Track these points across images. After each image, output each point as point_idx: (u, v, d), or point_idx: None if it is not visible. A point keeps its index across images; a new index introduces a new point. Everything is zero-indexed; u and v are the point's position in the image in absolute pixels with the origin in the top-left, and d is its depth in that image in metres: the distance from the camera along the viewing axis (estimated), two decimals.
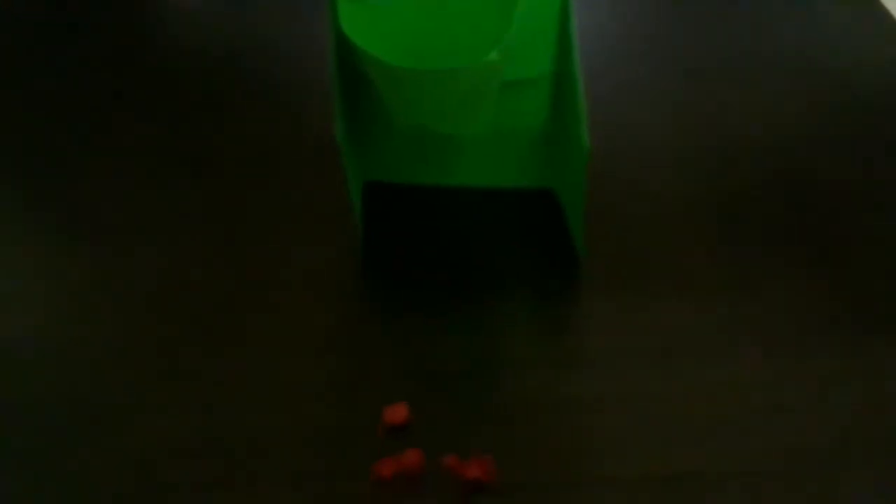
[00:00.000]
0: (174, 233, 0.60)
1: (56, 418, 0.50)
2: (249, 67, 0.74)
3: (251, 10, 0.79)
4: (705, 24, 0.74)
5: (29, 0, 0.82)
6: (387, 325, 0.54)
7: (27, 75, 0.74)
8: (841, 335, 0.52)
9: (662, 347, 0.52)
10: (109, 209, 0.62)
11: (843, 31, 0.72)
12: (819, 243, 0.57)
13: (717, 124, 0.65)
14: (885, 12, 0.73)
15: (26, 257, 0.59)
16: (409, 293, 0.56)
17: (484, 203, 0.61)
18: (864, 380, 0.50)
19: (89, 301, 0.56)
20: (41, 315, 0.55)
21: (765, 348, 0.51)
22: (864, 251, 0.56)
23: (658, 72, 0.70)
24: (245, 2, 0.80)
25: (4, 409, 0.50)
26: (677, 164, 0.63)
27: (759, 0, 0.76)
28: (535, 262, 0.57)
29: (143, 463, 0.48)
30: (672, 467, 0.46)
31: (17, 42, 0.77)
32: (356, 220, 0.57)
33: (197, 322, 0.55)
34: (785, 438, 0.47)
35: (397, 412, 0.49)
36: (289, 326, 0.54)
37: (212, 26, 0.78)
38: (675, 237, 0.58)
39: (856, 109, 0.66)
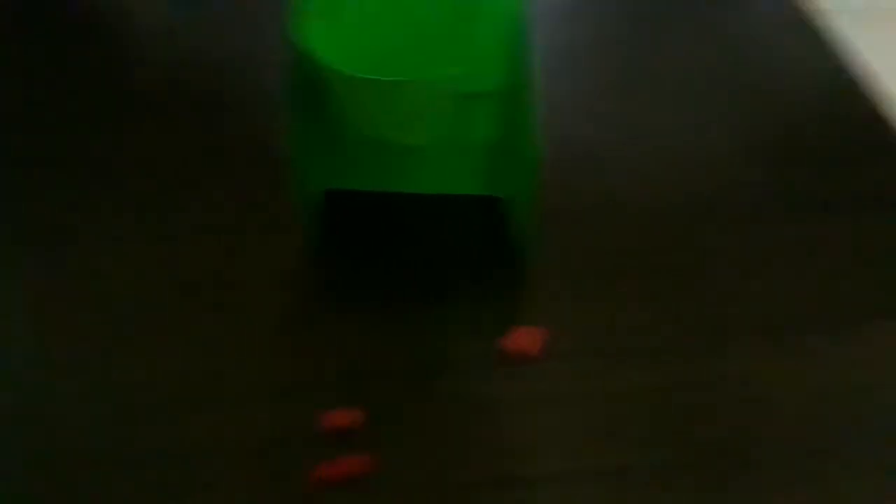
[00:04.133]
0: (114, 232, 0.60)
1: None
2: (206, 75, 0.74)
3: (207, 21, 0.79)
4: (658, 37, 0.76)
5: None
6: (332, 325, 0.55)
7: None
8: (774, 335, 0.54)
9: (597, 346, 0.53)
10: (53, 209, 0.62)
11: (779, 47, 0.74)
12: (766, 251, 0.59)
13: (663, 137, 0.67)
14: (821, 29, 0.75)
15: None
16: (356, 294, 0.56)
17: (435, 208, 0.62)
18: (789, 378, 0.52)
19: (31, 303, 0.56)
20: None
21: (700, 348, 0.53)
22: (800, 258, 0.58)
23: (604, 85, 0.72)
24: (201, 13, 0.80)
25: None
26: (624, 175, 0.64)
27: (712, 15, 0.78)
28: (483, 266, 0.58)
29: (83, 473, 0.48)
30: (611, 461, 0.48)
31: None
32: (306, 224, 0.58)
33: (139, 323, 0.55)
34: (718, 433, 0.49)
35: (342, 415, 0.49)
36: (233, 327, 0.54)
37: (172, 35, 0.78)
38: (625, 241, 0.59)
39: (782, 117, 0.68)
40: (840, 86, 0.70)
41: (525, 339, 0.52)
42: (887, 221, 0.60)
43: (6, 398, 0.51)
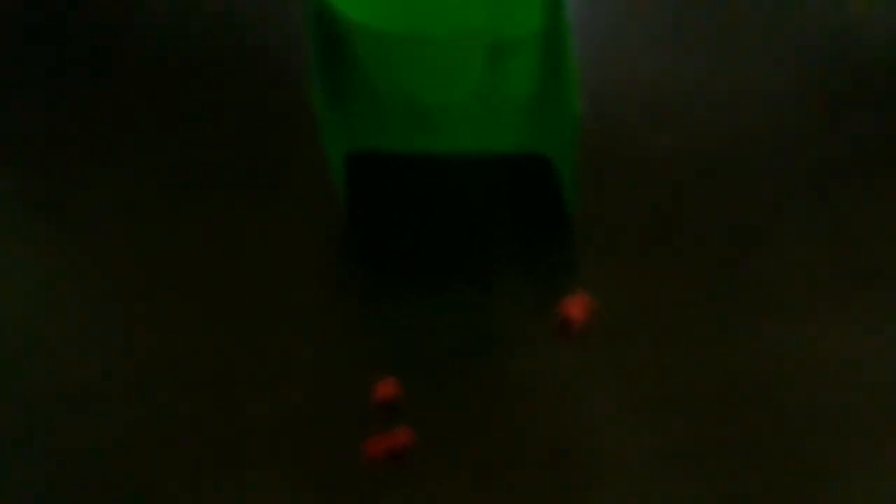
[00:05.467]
0: (145, 210, 0.59)
1: (37, 398, 0.49)
2: (227, 37, 0.71)
3: None
4: None
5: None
6: (373, 299, 0.53)
7: None
8: (837, 301, 0.50)
9: (649, 316, 0.50)
10: (77, 193, 0.60)
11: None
12: (825, 208, 0.55)
13: (716, 83, 0.63)
14: None
15: None
16: (395, 266, 0.54)
17: (473, 172, 0.59)
18: (851, 343, 0.48)
19: (63, 284, 0.55)
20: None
21: (755, 317, 0.50)
22: (872, 215, 0.54)
23: (658, 29, 0.68)
24: None
25: None
26: (673, 123, 0.61)
27: None
28: (527, 231, 0.55)
29: (127, 447, 0.47)
30: (666, 438, 0.45)
31: None
32: (339, 191, 0.56)
33: (174, 302, 0.53)
34: (777, 409, 0.46)
35: (387, 389, 0.48)
36: (271, 304, 0.53)
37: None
38: (669, 198, 0.56)
39: (850, 69, 0.63)
40: None
41: (573, 309, 0.50)
42: None
43: (39, 374, 0.50)
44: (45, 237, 0.58)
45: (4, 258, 0.56)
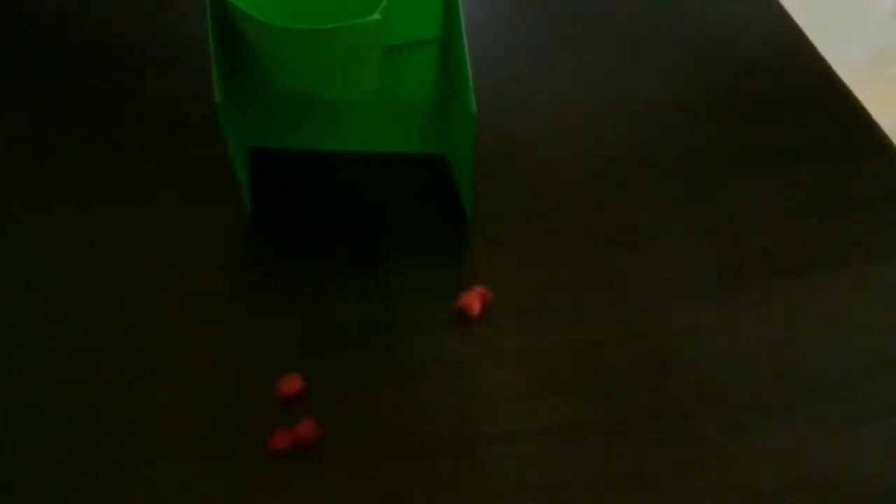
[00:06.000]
0: (57, 198, 0.58)
1: None
2: (133, 32, 0.70)
3: None
4: None
5: None
6: (276, 291, 0.53)
7: None
8: (714, 290, 0.54)
9: (541, 305, 0.53)
10: None
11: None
12: (706, 204, 0.59)
13: (604, 88, 0.66)
14: None
15: None
16: (298, 259, 0.55)
17: (376, 169, 0.61)
18: (725, 333, 0.52)
19: None
20: None
21: (641, 304, 0.53)
22: (738, 211, 0.59)
23: (547, 36, 0.71)
24: None
25: None
26: (565, 126, 0.64)
27: None
28: (426, 225, 0.57)
29: (37, 441, 0.46)
30: (556, 420, 0.48)
31: None
32: (240, 185, 0.56)
33: (80, 292, 0.52)
34: (660, 389, 0.49)
35: (291, 383, 0.48)
36: (175, 295, 0.52)
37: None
38: (561, 198, 0.59)
39: (732, 75, 0.68)
40: (778, 40, 0.71)
41: (470, 299, 0.52)
42: (820, 171, 0.61)
43: None
44: None
45: None
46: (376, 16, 0.44)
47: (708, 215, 0.58)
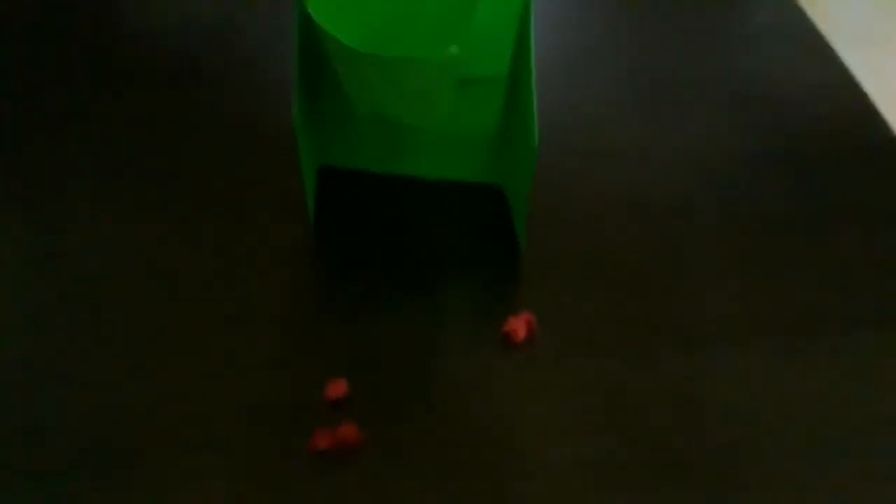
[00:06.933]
0: (126, 208, 0.61)
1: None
2: (210, 47, 0.74)
3: None
4: (660, 39, 0.77)
5: None
6: (332, 303, 0.55)
7: None
8: (759, 341, 0.55)
9: (589, 338, 0.54)
10: (65, 183, 0.62)
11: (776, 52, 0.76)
12: (760, 257, 0.60)
13: (671, 136, 0.68)
14: (817, 34, 0.77)
15: None
16: (355, 275, 0.57)
17: (435, 195, 0.63)
18: (765, 383, 0.53)
19: (38, 272, 0.56)
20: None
21: (685, 348, 0.54)
22: (792, 267, 0.59)
23: (620, 82, 0.73)
24: None
25: None
26: (627, 170, 0.65)
27: (731, 21, 0.79)
28: (479, 252, 0.59)
29: (87, 426, 0.48)
30: (594, 452, 0.49)
31: None
32: (308, 202, 0.59)
33: (142, 294, 0.55)
34: (695, 433, 0.50)
35: (336, 387, 0.50)
36: (235, 300, 0.55)
37: (179, 8, 0.78)
38: (615, 239, 0.60)
39: (785, 129, 0.69)
40: (841, 102, 0.71)
41: (516, 325, 0.53)
42: (877, 233, 0.61)
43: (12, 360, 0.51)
44: (25, 233, 0.59)
45: None
46: (454, 49, 0.46)
47: (762, 269, 0.59)
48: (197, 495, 0.46)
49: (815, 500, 0.47)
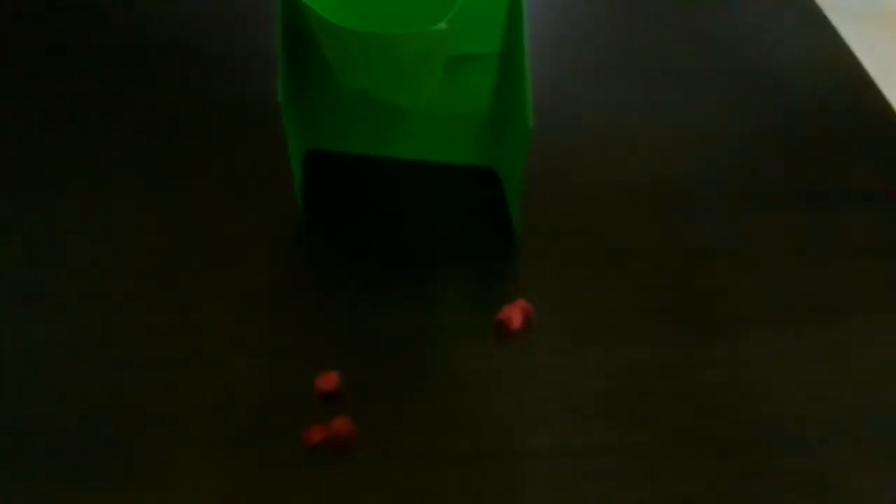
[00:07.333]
0: (112, 193, 0.59)
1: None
2: (195, 29, 0.72)
3: None
4: (657, 17, 0.75)
5: None
6: (322, 291, 0.54)
7: None
8: (761, 325, 0.54)
9: (587, 324, 0.53)
10: (44, 167, 0.61)
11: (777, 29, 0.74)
12: (757, 238, 0.59)
13: (667, 114, 0.67)
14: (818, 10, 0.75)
15: None
16: (346, 261, 0.56)
17: (426, 178, 0.61)
18: (774, 368, 0.52)
19: (37, 256, 0.55)
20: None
21: (683, 333, 0.53)
22: (801, 247, 0.58)
23: (612, 60, 0.71)
24: None
25: None
26: (622, 148, 0.64)
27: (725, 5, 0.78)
28: (473, 237, 0.57)
29: (79, 421, 0.47)
30: (593, 439, 0.47)
31: None
32: (296, 186, 0.57)
33: (130, 279, 0.54)
34: (699, 416, 0.49)
35: (328, 380, 0.49)
36: (223, 287, 0.54)
37: None
38: (610, 218, 0.59)
39: (788, 109, 0.68)
40: (839, 79, 0.70)
41: (512, 312, 0.52)
42: (874, 215, 0.60)
43: (7, 352, 0.50)
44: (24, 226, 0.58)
45: None
46: (443, 25, 0.45)
47: (760, 249, 0.58)
48: (189, 489, 0.45)
49: (812, 494, 0.46)
